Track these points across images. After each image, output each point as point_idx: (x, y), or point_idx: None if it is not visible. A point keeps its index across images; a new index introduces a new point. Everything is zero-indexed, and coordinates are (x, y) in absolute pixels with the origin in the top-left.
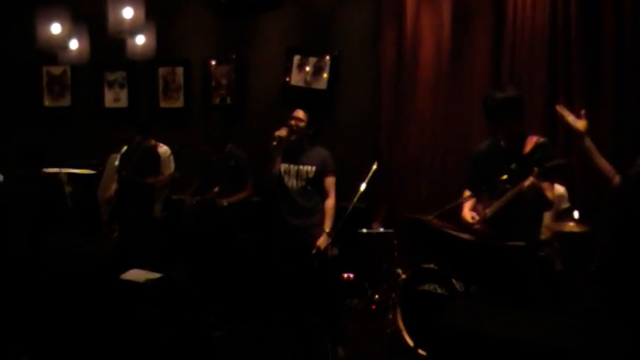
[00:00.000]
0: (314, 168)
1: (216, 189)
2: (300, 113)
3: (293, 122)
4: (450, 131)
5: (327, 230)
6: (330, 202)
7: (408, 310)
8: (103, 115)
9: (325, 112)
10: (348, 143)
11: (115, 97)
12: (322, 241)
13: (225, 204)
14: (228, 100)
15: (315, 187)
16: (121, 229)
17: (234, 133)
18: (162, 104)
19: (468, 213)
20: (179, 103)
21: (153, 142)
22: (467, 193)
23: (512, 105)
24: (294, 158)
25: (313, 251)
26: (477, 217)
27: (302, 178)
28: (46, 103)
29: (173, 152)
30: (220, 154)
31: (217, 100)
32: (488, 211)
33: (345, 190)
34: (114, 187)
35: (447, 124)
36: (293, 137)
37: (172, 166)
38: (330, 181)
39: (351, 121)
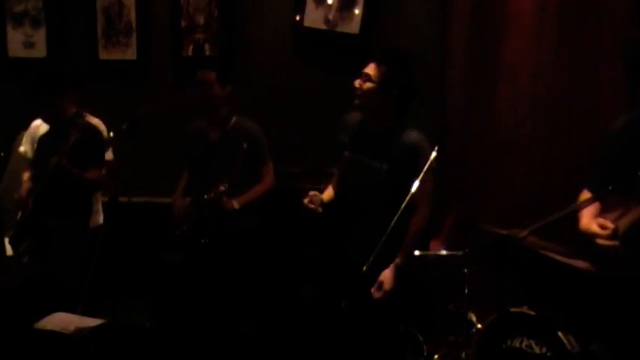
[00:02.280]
0: (385, 166)
1: (222, 187)
2: (370, 68)
3: (357, 83)
4: (564, 98)
5: (399, 261)
6: (417, 219)
7: None
8: (6, 70)
9: (358, 70)
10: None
11: (25, 41)
12: (388, 277)
13: (237, 207)
14: (207, 50)
15: (390, 195)
16: (38, 248)
17: None
18: (104, 55)
19: (592, 221)
20: (130, 53)
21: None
22: (585, 194)
23: None
24: (364, 145)
25: (373, 291)
26: (609, 226)
27: (369, 179)
28: None
29: (122, 131)
30: (224, 131)
31: (190, 50)
32: (621, 224)
33: None
34: (27, 183)
35: (558, 86)
36: (356, 103)
37: (109, 151)
38: (419, 185)
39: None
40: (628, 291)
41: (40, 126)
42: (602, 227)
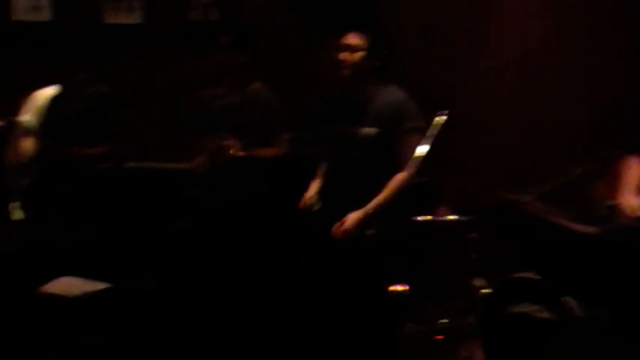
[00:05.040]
0: (374, 130)
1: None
2: (352, 38)
3: (344, 56)
4: (558, 63)
5: (369, 207)
6: (399, 176)
7: (494, 343)
8: (13, 35)
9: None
10: (400, 79)
11: (31, 5)
12: (353, 218)
13: (241, 154)
14: (213, 15)
15: (379, 158)
16: (45, 215)
17: None
18: (108, 18)
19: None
20: (135, 17)
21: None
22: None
23: None
24: (350, 115)
25: (334, 229)
26: None
27: (355, 147)
28: None
29: (123, 96)
30: (242, 97)
31: (195, 14)
32: None
33: None
34: (30, 147)
35: (549, 52)
36: (347, 74)
37: None
38: (405, 143)
39: (405, 43)
40: (632, 257)
41: (42, 94)
42: None
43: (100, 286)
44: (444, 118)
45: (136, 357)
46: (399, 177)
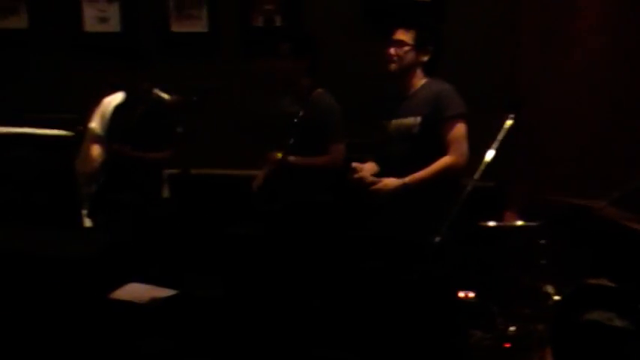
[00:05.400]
0: (419, 119)
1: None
2: (399, 34)
3: (392, 51)
4: None
5: (407, 180)
6: (445, 159)
7: (565, 351)
8: (82, 45)
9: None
10: (465, 81)
11: (99, 16)
12: (390, 183)
13: (292, 160)
14: (278, 21)
15: (425, 149)
16: (112, 221)
17: None
18: (175, 27)
19: None
20: (201, 25)
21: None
22: None
23: None
24: (399, 108)
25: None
26: None
27: (402, 138)
28: None
29: (189, 103)
30: (304, 104)
31: (260, 21)
32: None
33: None
34: (100, 157)
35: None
36: (393, 68)
37: None
38: (449, 130)
39: (470, 43)
40: None
41: (110, 102)
42: None
43: (169, 292)
44: (512, 121)
45: None
46: (444, 159)
